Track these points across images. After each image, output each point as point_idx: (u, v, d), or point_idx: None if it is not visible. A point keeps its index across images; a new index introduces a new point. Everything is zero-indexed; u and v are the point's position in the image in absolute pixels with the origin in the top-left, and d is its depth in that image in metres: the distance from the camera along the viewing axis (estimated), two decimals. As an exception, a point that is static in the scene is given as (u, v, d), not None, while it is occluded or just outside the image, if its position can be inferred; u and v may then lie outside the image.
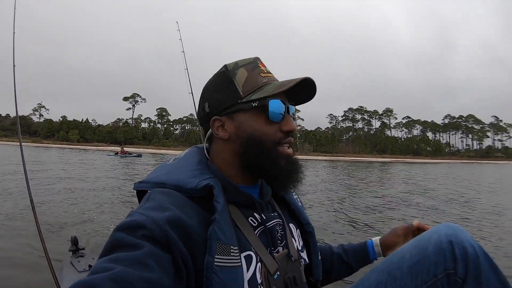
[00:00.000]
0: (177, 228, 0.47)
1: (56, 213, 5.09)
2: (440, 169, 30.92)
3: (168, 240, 0.45)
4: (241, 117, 0.59)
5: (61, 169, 13.65)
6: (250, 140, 0.58)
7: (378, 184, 12.54)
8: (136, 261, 0.41)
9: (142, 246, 0.43)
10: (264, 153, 0.58)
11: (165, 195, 0.53)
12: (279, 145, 0.59)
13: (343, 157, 69.60)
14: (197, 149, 0.65)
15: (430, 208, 7.12)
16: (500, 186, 13.96)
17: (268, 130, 0.58)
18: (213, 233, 0.49)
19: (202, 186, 0.54)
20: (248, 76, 0.59)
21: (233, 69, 0.60)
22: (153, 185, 0.57)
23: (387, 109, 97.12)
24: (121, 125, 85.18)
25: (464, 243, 0.55)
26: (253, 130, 0.58)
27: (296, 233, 0.69)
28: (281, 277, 0.58)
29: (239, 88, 0.58)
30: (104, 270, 0.39)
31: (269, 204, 0.65)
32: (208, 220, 0.51)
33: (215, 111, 0.61)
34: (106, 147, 63.59)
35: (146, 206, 0.50)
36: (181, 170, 0.58)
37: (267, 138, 0.58)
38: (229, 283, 0.48)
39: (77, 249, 1.94)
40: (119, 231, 0.46)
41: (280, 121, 0.59)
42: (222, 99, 0.60)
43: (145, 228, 0.45)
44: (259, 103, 0.57)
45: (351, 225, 5.17)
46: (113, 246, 0.45)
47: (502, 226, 5.39)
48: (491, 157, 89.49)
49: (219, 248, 0.49)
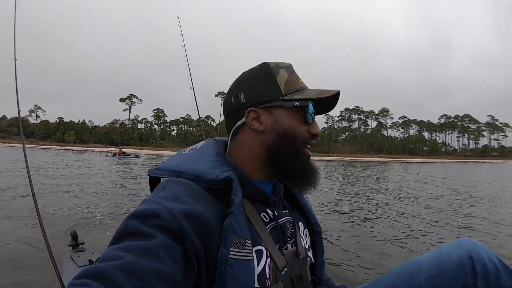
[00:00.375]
0: (192, 221, 0.47)
1: (55, 209, 5.19)
2: (436, 168, 31.08)
3: (182, 232, 0.45)
4: (280, 113, 0.61)
5: (60, 169, 13.77)
6: (284, 135, 0.60)
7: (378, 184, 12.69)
8: (147, 251, 0.41)
9: (154, 236, 0.43)
10: (294, 149, 0.60)
11: (181, 185, 0.53)
12: (305, 146, 0.62)
13: (338, 157, 69.88)
14: (215, 141, 0.66)
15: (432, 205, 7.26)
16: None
17: (301, 129, 0.61)
18: (229, 225, 0.49)
19: (221, 178, 0.54)
20: (288, 78, 0.62)
21: (275, 68, 0.63)
22: (169, 173, 0.57)
23: (383, 109, 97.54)
24: (117, 126, 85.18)
25: (484, 259, 0.55)
26: (289, 127, 0.60)
27: (304, 232, 0.70)
28: (288, 273, 0.59)
29: (281, 86, 0.61)
30: (114, 258, 0.39)
31: (281, 201, 0.67)
32: (224, 213, 0.51)
33: (252, 103, 0.62)
34: (103, 148, 63.64)
35: (161, 195, 0.50)
36: (200, 161, 0.59)
37: (299, 137, 0.61)
38: (241, 276, 0.48)
39: (76, 244, 1.97)
40: (132, 219, 0.45)
41: (310, 123, 0.62)
42: (263, 93, 0.62)
43: (159, 217, 0.45)
44: (301, 103, 0.60)
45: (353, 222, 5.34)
46: (125, 233, 0.44)
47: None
48: (487, 156, 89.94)
49: (235, 241, 0.49)
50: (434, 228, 5.05)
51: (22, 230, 3.81)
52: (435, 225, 5.27)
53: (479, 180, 16.54)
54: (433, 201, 8.13)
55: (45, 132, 79.11)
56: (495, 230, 5.02)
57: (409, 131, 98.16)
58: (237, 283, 0.48)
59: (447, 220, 5.70)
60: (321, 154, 72.34)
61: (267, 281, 0.54)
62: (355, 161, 50.93)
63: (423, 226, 5.23)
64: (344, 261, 3.51)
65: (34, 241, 3.27)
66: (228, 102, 0.66)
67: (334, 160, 52.28)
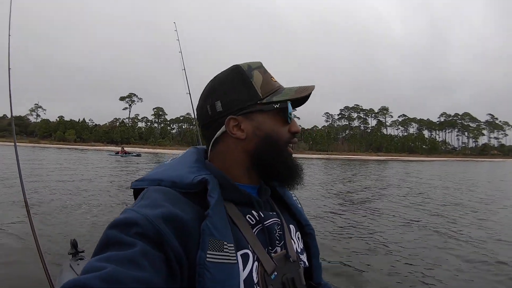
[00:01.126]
0: (171, 224, 0.47)
1: (55, 216, 5.03)
2: (437, 166, 31.34)
3: (161, 238, 0.45)
4: (260, 118, 0.60)
5: (62, 168, 13.70)
6: (267, 140, 0.60)
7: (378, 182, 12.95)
8: (128, 260, 0.41)
9: (134, 244, 0.43)
10: (278, 152, 0.60)
11: (159, 192, 0.53)
12: (288, 145, 0.62)
13: (338, 155, 70.07)
14: (196, 149, 0.66)
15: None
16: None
17: (283, 130, 0.61)
18: (206, 228, 0.49)
19: (197, 181, 0.54)
20: (263, 79, 0.62)
21: (249, 70, 0.62)
22: (149, 183, 0.58)
23: (382, 108, 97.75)
24: (117, 125, 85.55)
25: None
26: (271, 130, 0.60)
27: (296, 235, 0.68)
28: (279, 277, 0.57)
29: (257, 89, 0.60)
30: (95, 269, 0.39)
31: (268, 203, 0.66)
32: (203, 216, 0.51)
33: (230, 110, 0.60)
34: (103, 146, 64.01)
35: (140, 203, 0.51)
36: (178, 168, 0.59)
37: (281, 138, 0.61)
38: (222, 280, 0.47)
39: (76, 252, 1.96)
40: (112, 229, 0.46)
41: (289, 123, 0.63)
42: (240, 99, 0.60)
43: (138, 225, 0.45)
44: (280, 105, 0.60)
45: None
46: (105, 244, 0.44)
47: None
48: (487, 155, 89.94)
49: (212, 243, 0.49)
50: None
51: (18, 240, 3.70)
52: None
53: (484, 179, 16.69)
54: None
55: (46, 131, 79.55)
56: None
57: (409, 129, 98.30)
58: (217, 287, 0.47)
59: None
60: (319, 152, 72.58)
61: (255, 286, 0.53)
62: (354, 160, 51.12)
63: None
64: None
65: (30, 253, 3.13)
66: (204, 112, 0.63)
67: (332, 159, 52.44)
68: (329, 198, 8.55)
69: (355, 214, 6.53)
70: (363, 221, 5.85)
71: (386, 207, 7.39)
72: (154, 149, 64.98)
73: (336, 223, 5.68)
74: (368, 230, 5.17)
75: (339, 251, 4.15)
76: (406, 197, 9.12)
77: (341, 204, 7.79)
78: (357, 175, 17.08)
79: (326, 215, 6.35)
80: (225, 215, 0.54)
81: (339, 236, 4.84)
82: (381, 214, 6.59)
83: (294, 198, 0.74)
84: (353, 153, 78.35)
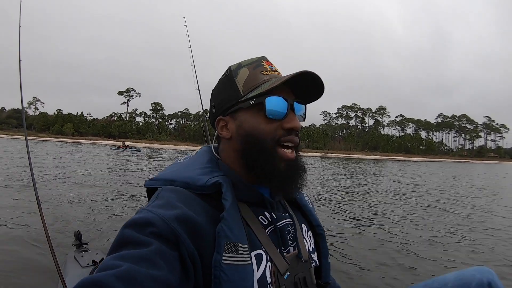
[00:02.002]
0: (186, 226, 0.47)
1: (60, 207, 5.04)
2: (435, 167, 31.20)
3: (176, 238, 0.46)
4: (242, 116, 0.59)
5: (65, 162, 13.55)
6: (248, 138, 0.58)
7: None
8: (143, 258, 0.42)
9: (150, 243, 0.44)
10: (263, 151, 0.57)
11: (174, 192, 0.53)
12: (279, 145, 0.58)
13: (334, 153, 70.40)
14: (208, 148, 0.66)
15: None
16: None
17: (267, 127, 0.57)
18: (221, 231, 0.49)
19: (211, 184, 0.54)
20: (249, 75, 0.59)
21: (236, 69, 0.61)
22: (163, 183, 0.58)
23: (380, 107, 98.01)
24: (115, 119, 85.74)
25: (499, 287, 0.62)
26: (252, 128, 0.57)
27: (308, 235, 0.69)
28: (291, 277, 0.57)
29: (239, 87, 0.59)
30: (111, 267, 0.39)
31: (280, 204, 0.66)
32: (217, 218, 0.51)
33: (220, 111, 0.62)
34: (101, 141, 64.22)
35: (155, 203, 0.51)
36: (191, 168, 0.59)
37: (266, 136, 0.57)
38: (237, 281, 0.48)
39: (80, 244, 1.97)
40: (127, 228, 0.46)
41: (282, 118, 0.58)
42: (225, 99, 0.61)
43: (154, 225, 0.46)
44: (256, 101, 0.57)
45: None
46: (121, 243, 0.45)
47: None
48: (483, 157, 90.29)
49: (227, 246, 0.49)
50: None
51: (25, 230, 3.73)
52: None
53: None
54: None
55: (44, 124, 79.66)
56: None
57: (406, 129, 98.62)
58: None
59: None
60: (315, 150, 72.92)
61: (268, 286, 0.53)
62: (350, 158, 51.30)
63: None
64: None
65: (38, 243, 3.24)
66: (210, 113, 0.67)
67: (328, 157, 52.56)
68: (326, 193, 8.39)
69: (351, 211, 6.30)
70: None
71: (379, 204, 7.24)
72: (152, 143, 65.21)
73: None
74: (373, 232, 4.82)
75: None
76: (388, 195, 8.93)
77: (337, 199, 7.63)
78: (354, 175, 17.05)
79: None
80: (239, 216, 0.54)
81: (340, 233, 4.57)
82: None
83: (306, 198, 0.74)
84: (349, 152, 78.70)
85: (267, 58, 0.64)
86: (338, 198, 7.68)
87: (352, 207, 6.52)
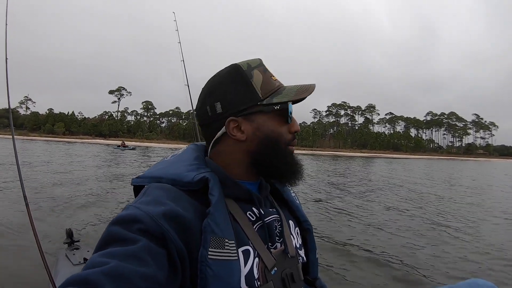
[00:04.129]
0: (173, 222, 0.47)
1: (51, 205, 5.00)
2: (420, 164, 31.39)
3: (164, 235, 0.45)
4: (261, 119, 0.59)
5: (55, 160, 13.55)
6: (267, 141, 0.59)
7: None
8: (131, 255, 0.41)
9: (137, 240, 0.43)
10: (279, 152, 0.60)
11: (161, 189, 0.53)
12: (288, 145, 0.61)
13: (322, 151, 71.28)
14: (195, 146, 0.66)
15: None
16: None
17: (283, 131, 0.60)
18: (207, 226, 0.49)
19: (198, 179, 0.54)
20: (263, 79, 0.60)
21: (248, 70, 0.60)
22: (150, 180, 0.58)
23: (369, 105, 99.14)
24: (106, 118, 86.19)
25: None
26: (271, 132, 0.59)
27: (295, 231, 0.69)
28: (279, 273, 0.58)
29: (257, 90, 0.59)
30: (99, 264, 0.39)
31: (268, 200, 0.67)
32: (204, 214, 0.51)
33: (230, 112, 0.59)
34: (92, 140, 64.78)
35: (142, 200, 0.51)
36: (178, 165, 0.59)
37: (282, 139, 0.60)
38: (224, 276, 0.48)
39: (72, 242, 1.96)
40: (114, 225, 0.46)
41: (289, 122, 0.61)
42: (240, 100, 0.59)
43: (141, 222, 0.45)
44: (281, 106, 0.59)
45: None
46: (108, 240, 0.44)
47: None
48: (471, 154, 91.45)
49: (214, 241, 0.49)
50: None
51: (14, 229, 3.73)
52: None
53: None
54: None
55: (35, 123, 79.86)
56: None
57: (396, 127, 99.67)
58: (219, 284, 0.47)
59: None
60: (304, 148, 73.69)
61: (256, 282, 0.53)
62: (338, 156, 51.78)
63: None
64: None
65: (27, 242, 3.18)
66: (203, 112, 0.62)
67: (316, 154, 53.14)
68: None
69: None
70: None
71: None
72: (142, 142, 65.79)
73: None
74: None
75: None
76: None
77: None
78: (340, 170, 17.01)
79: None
80: (226, 212, 0.54)
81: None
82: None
83: (293, 194, 0.75)
84: (338, 150, 79.60)
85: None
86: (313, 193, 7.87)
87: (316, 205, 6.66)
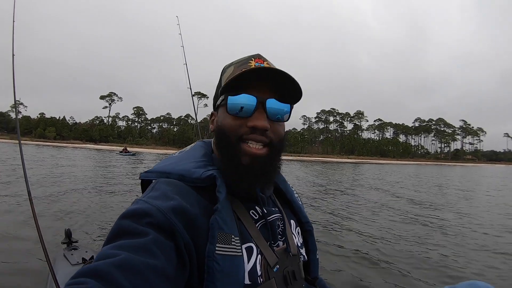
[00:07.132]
0: (181, 217, 0.49)
1: (50, 205, 5.15)
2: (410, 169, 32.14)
3: (172, 228, 0.47)
4: (219, 111, 0.63)
5: (52, 163, 13.84)
6: (218, 133, 0.61)
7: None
8: (141, 248, 0.42)
9: (147, 233, 0.44)
10: (228, 146, 0.58)
11: (169, 184, 0.54)
12: (242, 141, 0.58)
13: (309, 157, 72.30)
14: (203, 143, 0.69)
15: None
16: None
17: (233, 124, 0.58)
18: (215, 222, 0.51)
19: (206, 176, 0.56)
20: (232, 73, 0.61)
21: (225, 68, 0.65)
22: (158, 175, 0.60)
23: (358, 112, 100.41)
24: (97, 124, 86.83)
25: None
26: (221, 124, 0.61)
27: (296, 230, 0.70)
28: (281, 270, 0.59)
29: (223, 84, 0.61)
30: (109, 256, 0.40)
31: (270, 199, 0.68)
32: (211, 210, 0.53)
33: (214, 107, 0.67)
34: (82, 144, 65.44)
35: (150, 195, 0.52)
36: (186, 162, 0.61)
37: (231, 133, 0.58)
38: (229, 271, 0.49)
39: (70, 242, 1.96)
40: (124, 219, 0.47)
41: (249, 116, 0.57)
42: (215, 96, 0.66)
43: (150, 216, 0.46)
44: (224, 97, 0.59)
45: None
46: (118, 233, 0.45)
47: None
48: (459, 160, 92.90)
49: (221, 237, 0.50)
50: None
51: (17, 227, 3.84)
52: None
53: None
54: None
55: (26, 127, 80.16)
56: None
57: (385, 133, 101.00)
58: (225, 279, 0.48)
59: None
60: (291, 154, 74.72)
61: (258, 278, 0.54)
62: (326, 162, 52.81)
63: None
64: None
65: (28, 239, 3.26)
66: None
67: (304, 161, 53.94)
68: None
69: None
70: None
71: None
72: (131, 147, 66.54)
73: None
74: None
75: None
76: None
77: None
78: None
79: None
80: (231, 210, 0.56)
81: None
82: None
83: (296, 195, 0.77)
84: (325, 156, 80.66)
85: (261, 56, 0.64)
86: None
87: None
